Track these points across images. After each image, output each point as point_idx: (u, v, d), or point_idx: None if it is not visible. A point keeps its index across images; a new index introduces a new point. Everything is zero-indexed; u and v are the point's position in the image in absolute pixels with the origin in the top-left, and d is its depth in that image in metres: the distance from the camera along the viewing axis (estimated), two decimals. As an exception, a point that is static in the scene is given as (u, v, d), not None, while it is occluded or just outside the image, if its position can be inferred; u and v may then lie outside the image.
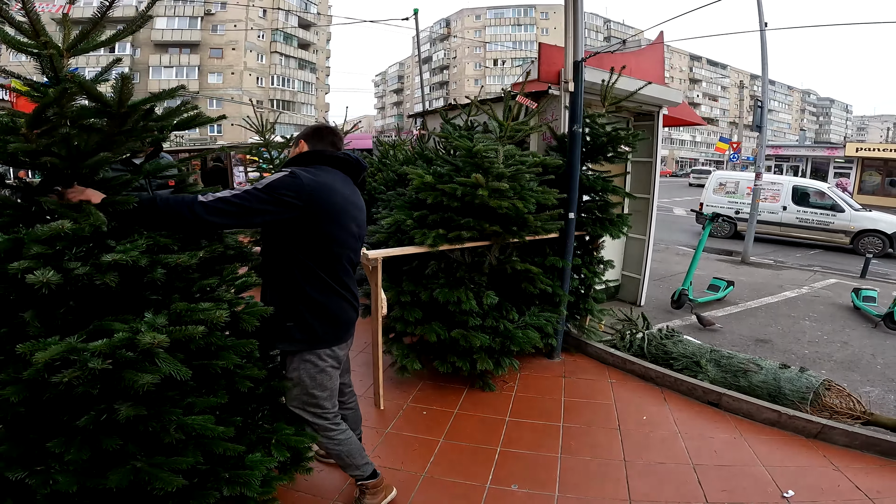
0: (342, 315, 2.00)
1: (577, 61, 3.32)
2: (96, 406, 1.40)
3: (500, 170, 2.89)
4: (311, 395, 2.00)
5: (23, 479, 1.38)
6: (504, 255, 3.28)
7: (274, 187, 1.74)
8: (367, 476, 2.20)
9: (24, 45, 1.59)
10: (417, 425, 2.96)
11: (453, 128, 4.01)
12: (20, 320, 1.40)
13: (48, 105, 1.48)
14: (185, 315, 1.47)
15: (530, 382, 3.52)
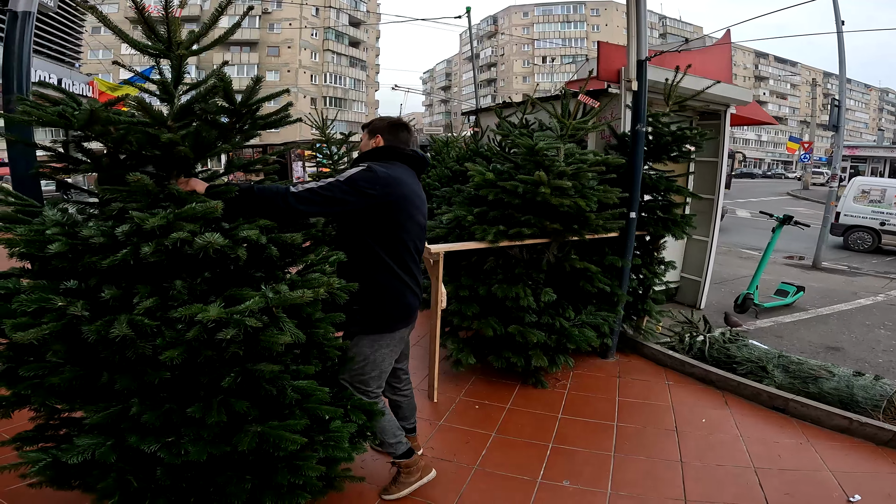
0: (403, 301, 2.11)
1: (641, 60, 3.29)
2: (229, 370, 1.53)
3: (562, 168, 2.91)
4: (362, 372, 2.11)
5: (155, 451, 1.47)
6: (562, 253, 3.30)
7: (354, 180, 1.90)
8: (400, 455, 2.30)
9: (149, 47, 1.77)
10: (470, 419, 3.02)
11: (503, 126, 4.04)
12: (162, 290, 1.54)
13: (196, 100, 1.65)
14: (299, 284, 1.64)
15: (583, 381, 3.52)
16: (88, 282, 1.54)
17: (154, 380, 1.48)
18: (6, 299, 1.49)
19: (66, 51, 9.72)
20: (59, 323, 1.42)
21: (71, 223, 1.62)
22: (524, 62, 62.09)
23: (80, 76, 10.02)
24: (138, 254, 1.45)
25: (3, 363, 1.56)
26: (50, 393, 1.49)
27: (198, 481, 1.59)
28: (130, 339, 1.41)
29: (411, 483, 2.32)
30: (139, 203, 1.62)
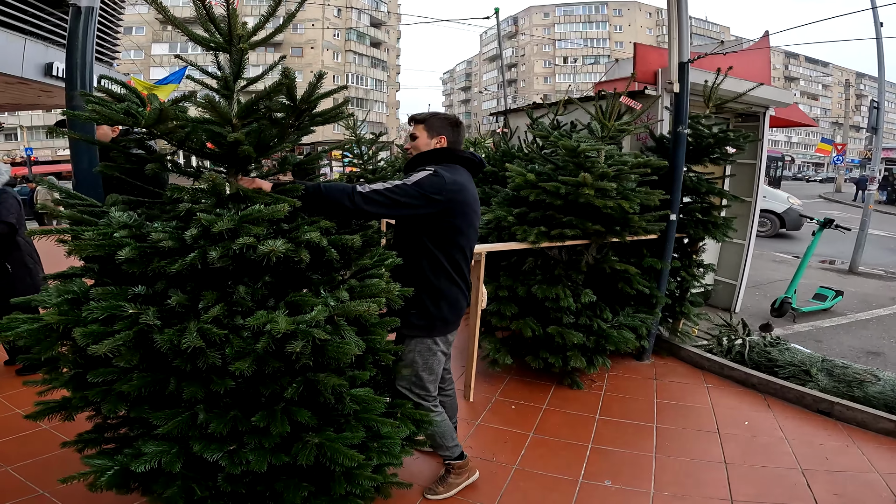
0: (458, 304, 2.13)
1: (683, 62, 3.29)
2: (291, 379, 1.51)
3: (604, 169, 2.93)
4: (420, 377, 2.12)
5: (217, 460, 1.44)
6: (600, 255, 3.31)
7: (422, 184, 1.90)
8: (455, 457, 2.33)
9: (210, 42, 1.73)
10: (507, 418, 3.04)
11: (540, 127, 4.06)
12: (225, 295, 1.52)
13: (261, 98, 1.63)
14: (359, 290, 1.63)
15: (619, 383, 3.53)
16: (154, 286, 1.51)
17: (220, 389, 1.46)
18: (75, 305, 1.46)
19: (105, 50, 9.92)
20: (131, 332, 1.38)
21: (137, 225, 1.58)
22: (545, 63, 61.76)
23: (118, 75, 10.24)
24: (206, 258, 1.43)
25: (70, 368, 1.56)
26: (119, 399, 1.46)
27: (255, 487, 1.58)
28: (200, 349, 1.38)
29: (459, 484, 2.36)
30: (206, 203, 1.60)
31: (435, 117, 2.15)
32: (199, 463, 1.49)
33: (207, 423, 1.44)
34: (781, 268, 7.55)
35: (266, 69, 2.03)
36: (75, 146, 2.76)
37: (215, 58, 1.81)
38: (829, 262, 8.42)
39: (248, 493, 1.57)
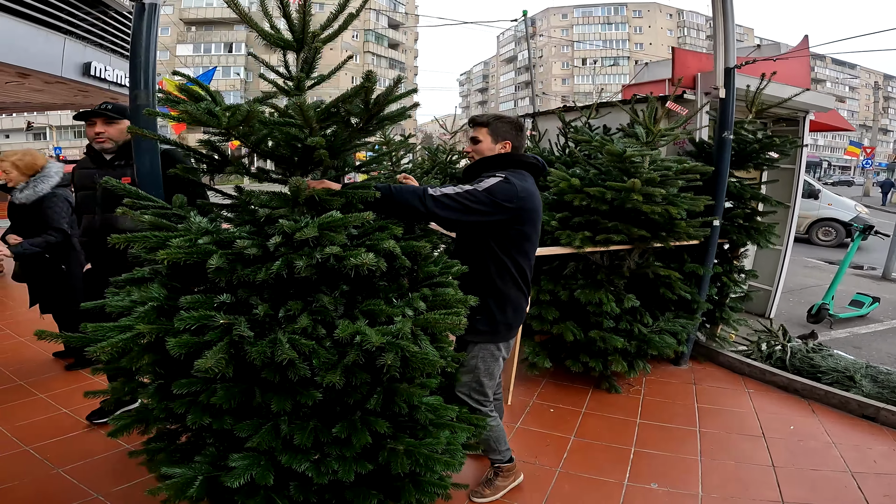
0: (522, 309, 2.13)
1: (729, 68, 3.29)
2: (369, 391, 1.51)
3: (651, 175, 2.95)
4: (481, 382, 2.12)
5: (304, 470, 1.43)
6: (642, 260, 3.33)
7: (494, 191, 1.88)
8: (506, 460, 2.35)
9: (281, 40, 1.71)
10: (546, 422, 3.06)
11: (582, 132, 4.09)
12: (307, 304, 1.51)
13: (342, 101, 1.59)
14: (433, 300, 1.62)
15: (657, 387, 3.53)
16: (237, 293, 1.49)
17: (308, 401, 1.43)
18: (161, 313, 1.45)
19: None
20: (225, 343, 1.35)
21: (216, 230, 1.57)
22: (563, 64, 61.50)
23: None
24: (292, 267, 1.40)
25: (152, 378, 1.54)
26: (204, 411, 1.43)
27: (323, 496, 1.56)
28: (291, 361, 1.36)
29: (505, 486, 2.37)
30: (283, 209, 1.56)
31: (500, 121, 2.09)
32: (278, 473, 1.47)
33: (291, 434, 1.43)
34: (814, 273, 7.47)
35: (335, 68, 2.02)
36: (137, 146, 2.73)
37: (283, 57, 1.79)
38: (864, 268, 8.28)
39: (319, 501, 1.56)
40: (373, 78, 1.52)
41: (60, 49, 7.09)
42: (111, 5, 8.29)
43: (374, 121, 1.71)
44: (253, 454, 1.43)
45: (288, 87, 1.76)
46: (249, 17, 1.73)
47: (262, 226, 1.59)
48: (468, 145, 2.14)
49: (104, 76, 8.19)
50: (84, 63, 7.78)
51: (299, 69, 1.75)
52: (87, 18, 7.94)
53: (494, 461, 2.36)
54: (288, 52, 1.77)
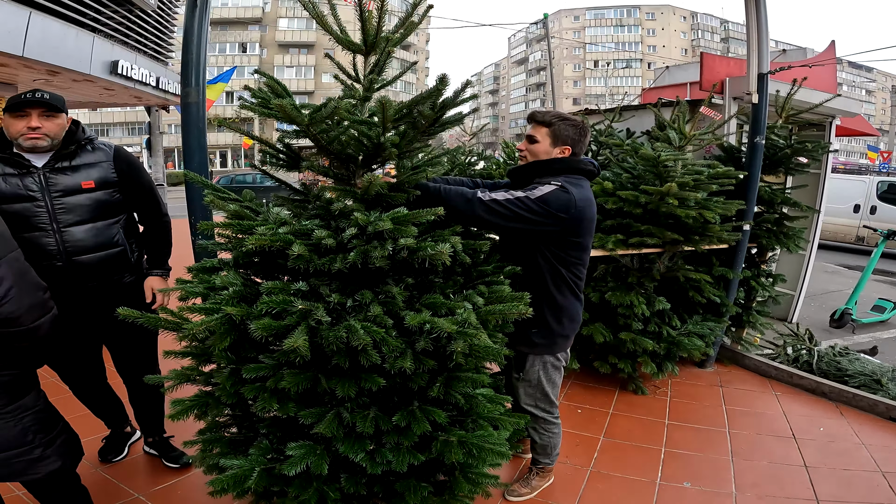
0: (578, 318, 2.09)
1: (762, 74, 3.33)
2: (431, 380, 1.53)
3: (684, 179, 2.99)
4: (546, 393, 2.12)
5: (359, 460, 1.45)
6: (672, 263, 3.37)
7: (547, 200, 1.79)
8: (551, 463, 2.39)
9: (352, 44, 1.75)
10: (575, 422, 3.09)
11: (614, 136, 4.13)
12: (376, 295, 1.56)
13: (417, 102, 1.62)
14: (490, 296, 1.66)
15: (684, 389, 3.57)
16: (311, 281, 1.55)
17: (373, 386, 1.45)
18: (244, 300, 1.51)
19: (162, 49, 10.01)
20: (304, 326, 1.38)
21: (292, 222, 1.62)
22: (575, 66, 61.32)
23: (173, 74, 10.43)
24: (368, 258, 1.45)
25: (224, 363, 1.56)
26: (273, 396, 1.46)
27: (372, 488, 1.58)
28: (363, 347, 1.38)
29: (541, 486, 2.40)
30: (352, 204, 1.60)
31: (563, 122, 1.94)
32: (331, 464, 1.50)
33: (353, 422, 1.46)
34: (835, 278, 7.45)
35: (404, 69, 2.07)
36: (187, 145, 2.66)
37: (353, 60, 1.84)
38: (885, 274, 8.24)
39: (368, 493, 1.58)
40: (446, 80, 1.55)
41: (89, 47, 7.05)
42: (137, 3, 8.31)
43: (438, 123, 1.75)
44: (309, 444, 1.46)
45: (355, 89, 1.81)
46: (325, 22, 1.76)
47: (329, 219, 1.63)
48: (522, 143, 2.01)
49: (130, 74, 8.20)
50: (112, 61, 7.71)
51: (368, 72, 1.79)
52: (115, 17, 7.97)
53: (540, 463, 2.38)
54: (357, 55, 1.81)
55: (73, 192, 1.98)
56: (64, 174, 1.97)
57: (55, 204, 1.94)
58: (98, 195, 2.04)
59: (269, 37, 42.73)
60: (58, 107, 1.93)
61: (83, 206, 1.99)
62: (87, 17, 7.20)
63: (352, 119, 1.66)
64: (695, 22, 59.42)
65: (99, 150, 2.10)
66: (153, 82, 9.13)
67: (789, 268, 4.97)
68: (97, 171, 2.05)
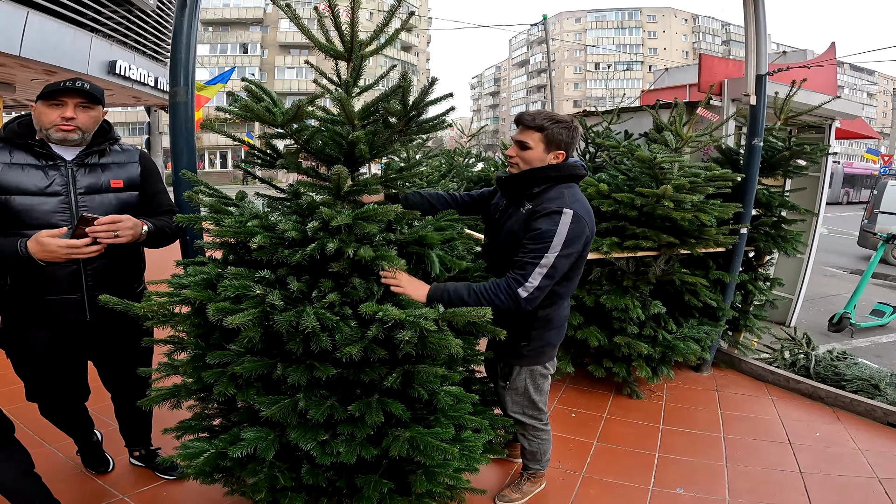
0: (565, 321, 2.07)
1: (761, 75, 3.29)
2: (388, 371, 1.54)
3: (681, 181, 2.96)
4: (533, 401, 2.10)
5: (310, 450, 1.46)
6: (668, 266, 3.34)
7: (571, 242, 1.72)
8: (543, 469, 2.36)
9: (332, 49, 1.79)
10: (568, 426, 3.06)
11: (610, 137, 4.10)
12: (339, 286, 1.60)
13: (381, 100, 1.66)
14: None
15: (679, 394, 3.53)
16: (277, 272, 1.60)
17: (322, 376, 1.48)
18: (209, 285, 1.58)
19: (161, 49, 9.99)
20: (257, 310, 1.44)
21: (264, 216, 1.67)
22: (576, 68, 61.32)
23: None
24: (324, 250, 1.49)
25: (192, 349, 1.65)
26: (231, 381, 1.52)
27: (335, 482, 1.60)
28: (313, 332, 1.42)
29: (533, 491, 2.38)
30: (329, 198, 1.66)
31: (556, 125, 1.81)
32: (287, 453, 1.55)
33: (307, 410, 1.48)
34: (832, 282, 7.42)
35: (381, 76, 2.07)
36: (175, 146, 2.65)
37: (335, 65, 1.86)
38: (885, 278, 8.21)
39: (328, 486, 1.60)
40: (408, 78, 1.60)
41: (87, 46, 7.07)
42: (136, 3, 8.30)
43: (413, 124, 1.77)
44: (263, 430, 1.51)
45: (338, 92, 1.81)
46: (307, 30, 1.80)
47: (306, 216, 1.67)
48: (512, 149, 1.89)
49: (128, 74, 8.20)
50: (109, 61, 7.75)
51: (348, 76, 1.82)
52: (114, 17, 7.94)
53: (531, 469, 2.36)
54: (340, 61, 1.84)
55: (101, 191, 1.90)
56: (93, 171, 1.89)
57: (79, 201, 1.84)
58: (125, 196, 1.97)
59: (270, 37, 42.72)
60: (97, 97, 1.83)
61: (109, 205, 1.90)
62: (86, 16, 7.16)
63: (319, 118, 1.73)
64: (696, 24, 59.41)
65: (126, 150, 2.05)
66: (151, 82, 9.12)
67: (788, 271, 4.93)
68: (125, 171, 1.99)
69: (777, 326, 4.75)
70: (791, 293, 4.96)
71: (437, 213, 1.99)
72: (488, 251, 2.07)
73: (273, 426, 1.53)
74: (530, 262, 1.71)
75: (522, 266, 1.72)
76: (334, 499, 1.66)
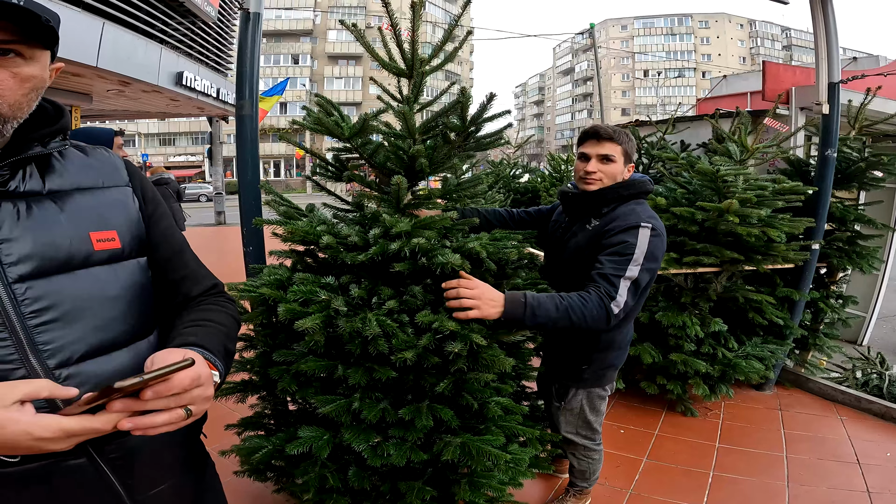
0: (628, 342, 2.01)
1: (833, 83, 3.15)
2: (443, 377, 1.57)
3: (746, 195, 2.85)
4: (588, 421, 2.04)
5: (361, 451, 1.50)
6: (730, 283, 3.21)
7: (653, 256, 1.67)
8: (588, 486, 2.31)
9: (394, 66, 1.86)
10: (616, 443, 2.98)
11: (667, 148, 4.01)
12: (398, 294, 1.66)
13: (441, 115, 1.72)
14: None
15: (738, 412, 3.38)
16: (340, 279, 1.67)
17: (381, 377, 1.52)
18: (281, 286, 1.64)
19: (222, 61, 10.33)
20: (322, 314, 1.48)
21: (331, 223, 1.77)
22: (623, 76, 60.26)
23: (232, 85, 10.93)
24: (387, 251, 1.54)
25: (261, 346, 1.73)
26: (293, 379, 1.58)
27: (379, 486, 1.62)
28: (374, 337, 1.45)
29: None
30: (390, 209, 1.71)
31: (628, 138, 1.81)
32: (336, 455, 1.59)
33: (360, 410, 1.51)
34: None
35: (440, 92, 2.14)
36: (241, 159, 2.79)
37: (397, 82, 1.94)
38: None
39: (372, 489, 1.63)
40: (467, 94, 1.62)
41: (157, 58, 7.35)
42: (199, 15, 8.60)
43: (472, 139, 1.79)
44: (319, 430, 1.56)
45: (401, 107, 1.87)
46: (372, 48, 1.87)
47: (367, 227, 1.72)
48: (593, 163, 1.81)
49: (193, 85, 8.48)
50: (177, 72, 8.00)
51: (409, 92, 1.87)
52: (179, 28, 8.25)
53: (578, 486, 2.32)
54: (401, 78, 1.90)
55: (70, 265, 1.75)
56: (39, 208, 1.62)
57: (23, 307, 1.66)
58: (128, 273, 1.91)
59: (319, 48, 44.12)
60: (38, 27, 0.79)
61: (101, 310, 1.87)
62: (155, 28, 7.41)
63: (382, 132, 1.78)
64: (753, 30, 57.26)
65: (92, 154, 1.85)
66: (214, 93, 9.49)
67: (861, 287, 4.66)
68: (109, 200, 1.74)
69: (848, 345, 4.48)
70: (864, 310, 4.67)
71: (492, 229, 1.99)
72: (550, 269, 2.04)
73: (328, 427, 1.57)
74: (615, 276, 1.63)
75: (608, 279, 1.64)
76: (377, 503, 1.68)
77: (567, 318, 1.55)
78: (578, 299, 1.59)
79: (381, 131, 1.86)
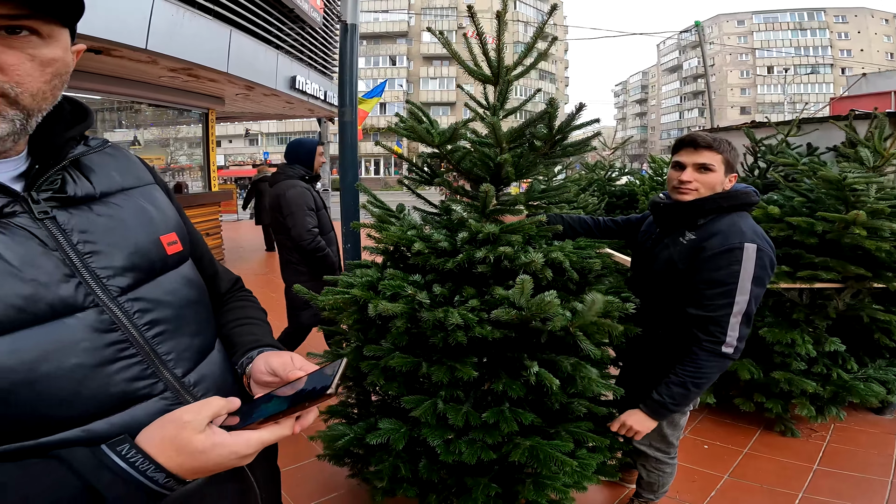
0: None
1: None
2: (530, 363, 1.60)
3: (878, 206, 2.56)
4: (664, 435, 1.98)
5: (434, 446, 1.55)
6: (855, 301, 2.90)
7: (760, 279, 1.58)
8: (654, 499, 2.23)
9: (480, 74, 1.90)
10: (696, 458, 2.82)
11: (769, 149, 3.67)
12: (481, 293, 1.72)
13: (529, 124, 1.73)
14: None
15: (848, 435, 3.05)
16: (426, 277, 1.75)
17: (464, 376, 1.55)
18: (371, 287, 1.75)
19: (328, 64, 10.88)
20: (407, 306, 1.58)
21: (420, 227, 1.88)
22: (742, 73, 55.59)
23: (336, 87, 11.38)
24: (472, 258, 1.62)
25: (354, 340, 1.84)
26: (382, 373, 1.66)
27: (446, 480, 1.67)
28: (453, 329, 1.51)
29: None
30: (476, 215, 1.77)
31: (730, 146, 1.70)
32: (408, 447, 1.64)
33: (445, 412, 1.56)
34: None
35: (527, 98, 2.15)
36: (343, 159, 2.91)
37: (483, 89, 1.98)
38: None
39: (439, 482, 1.68)
40: (555, 104, 1.65)
41: (275, 63, 7.83)
42: (307, 21, 8.98)
43: (558, 147, 1.80)
44: (397, 423, 1.64)
45: (489, 117, 1.91)
46: (458, 55, 1.91)
47: (454, 231, 1.79)
48: (688, 172, 1.71)
49: (305, 89, 9.00)
50: (291, 76, 8.45)
51: (496, 99, 1.92)
52: (291, 33, 8.66)
53: (643, 497, 2.25)
54: (487, 84, 1.94)
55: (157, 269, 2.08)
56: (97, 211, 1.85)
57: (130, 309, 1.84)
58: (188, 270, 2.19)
59: (414, 49, 45.34)
60: None
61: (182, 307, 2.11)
62: (272, 34, 7.89)
63: (471, 140, 1.84)
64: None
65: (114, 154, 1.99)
66: (322, 96, 10.07)
67: None
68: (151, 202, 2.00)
69: None
70: None
71: (577, 237, 1.98)
72: (638, 280, 1.99)
73: (405, 420, 1.63)
74: (721, 316, 1.57)
75: (714, 322, 1.59)
76: (443, 495, 1.72)
77: (697, 388, 1.62)
78: (692, 367, 1.62)
79: (469, 139, 1.91)
